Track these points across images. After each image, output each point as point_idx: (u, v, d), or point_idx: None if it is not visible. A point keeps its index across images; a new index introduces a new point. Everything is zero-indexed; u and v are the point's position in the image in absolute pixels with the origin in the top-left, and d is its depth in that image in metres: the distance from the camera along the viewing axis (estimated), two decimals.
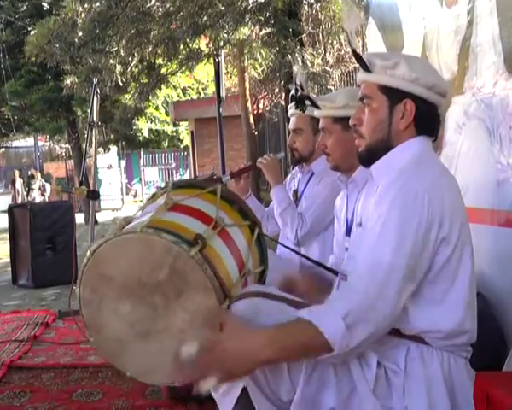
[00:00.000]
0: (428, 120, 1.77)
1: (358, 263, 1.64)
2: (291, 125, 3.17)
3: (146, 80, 9.13)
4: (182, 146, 24.86)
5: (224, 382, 1.59)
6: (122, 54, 7.96)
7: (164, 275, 1.63)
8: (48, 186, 21.33)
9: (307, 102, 2.63)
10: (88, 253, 1.70)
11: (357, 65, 1.80)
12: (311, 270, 2.47)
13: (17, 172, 21.83)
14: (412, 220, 1.59)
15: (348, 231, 2.31)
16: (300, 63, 7.14)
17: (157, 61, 8.89)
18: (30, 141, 30.99)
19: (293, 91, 2.87)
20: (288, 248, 2.61)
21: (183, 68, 8.82)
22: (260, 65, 9.78)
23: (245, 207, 1.96)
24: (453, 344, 1.68)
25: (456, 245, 1.64)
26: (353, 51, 1.83)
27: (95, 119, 4.75)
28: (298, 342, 1.55)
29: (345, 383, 1.63)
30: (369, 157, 1.81)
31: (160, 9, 7.77)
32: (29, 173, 21.13)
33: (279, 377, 1.63)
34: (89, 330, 1.78)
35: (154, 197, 1.99)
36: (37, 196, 19.97)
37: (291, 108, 3.15)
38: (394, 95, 1.74)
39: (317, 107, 2.51)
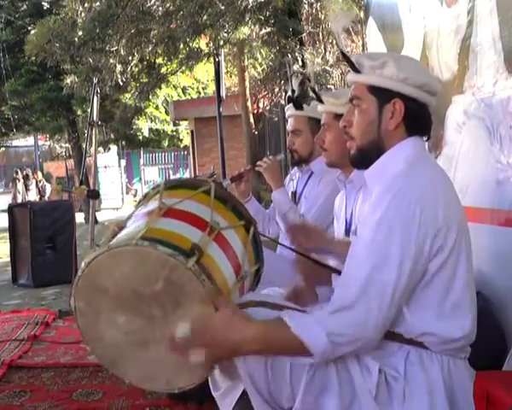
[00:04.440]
0: (419, 120, 1.75)
1: (350, 276, 1.62)
2: (289, 127, 3.17)
3: (146, 80, 9.12)
4: (182, 145, 24.87)
5: (212, 362, 1.64)
6: (122, 53, 7.96)
7: (159, 286, 1.61)
8: (48, 186, 21.29)
9: (312, 95, 2.64)
10: (82, 265, 1.67)
11: None
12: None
13: (19, 172, 21.77)
14: (404, 231, 1.57)
15: (347, 231, 2.32)
16: (300, 62, 7.14)
17: (157, 61, 8.89)
18: (30, 140, 30.99)
19: (289, 93, 2.87)
20: (287, 247, 2.61)
21: (183, 68, 8.81)
22: (260, 64, 9.78)
23: (239, 205, 1.93)
24: (452, 348, 1.67)
25: (452, 251, 1.62)
26: (341, 52, 1.82)
27: (95, 118, 4.75)
28: (282, 346, 1.60)
29: (346, 389, 1.63)
30: (361, 159, 1.79)
31: (160, 9, 7.77)
32: (24, 173, 21.05)
33: (280, 383, 1.63)
34: (86, 339, 1.77)
35: (146, 198, 1.95)
36: (33, 196, 19.88)
37: (288, 110, 3.14)
38: (383, 95, 1.73)
39: (320, 101, 2.52)
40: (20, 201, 18.34)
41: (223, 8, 7.25)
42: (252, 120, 11.36)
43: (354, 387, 1.63)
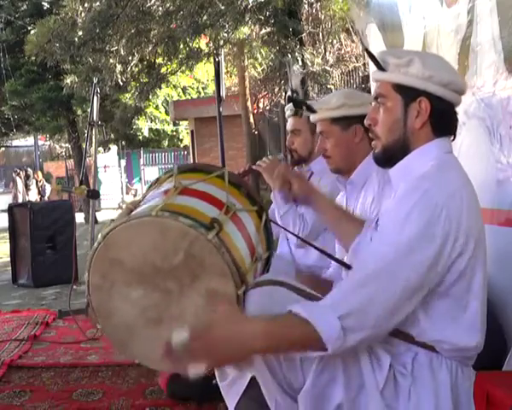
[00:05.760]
0: (445, 119, 1.73)
1: (365, 264, 1.61)
2: (289, 127, 3.16)
3: (146, 80, 9.12)
4: (182, 145, 24.89)
5: (213, 368, 1.58)
6: (122, 53, 7.97)
7: (179, 260, 1.59)
8: (48, 186, 21.28)
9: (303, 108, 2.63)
10: (99, 236, 1.64)
11: (357, 64, 1.79)
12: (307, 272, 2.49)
13: (20, 172, 21.74)
14: (428, 232, 1.56)
15: None
16: (300, 63, 7.14)
17: (157, 61, 8.89)
18: (30, 140, 31.02)
19: (289, 93, 2.87)
20: (293, 234, 2.58)
21: (183, 68, 8.81)
22: (260, 64, 9.79)
23: (252, 192, 1.92)
24: (462, 356, 1.66)
25: (470, 261, 1.61)
26: (366, 50, 1.80)
27: (95, 118, 4.75)
28: (292, 338, 1.54)
29: (354, 380, 1.62)
30: (386, 158, 1.77)
31: (160, 9, 7.77)
32: (25, 173, 21.03)
33: (292, 364, 1.62)
34: (98, 316, 1.72)
35: (158, 182, 1.94)
36: (33, 196, 19.85)
37: (288, 110, 3.14)
38: (408, 93, 1.70)
39: (313, 111, 2.50)
40: (20, 201, 18.34)
41: (223, 8, 7.25)
42: (252, 119, 11.36)
43: (362, 378, 1.61)
